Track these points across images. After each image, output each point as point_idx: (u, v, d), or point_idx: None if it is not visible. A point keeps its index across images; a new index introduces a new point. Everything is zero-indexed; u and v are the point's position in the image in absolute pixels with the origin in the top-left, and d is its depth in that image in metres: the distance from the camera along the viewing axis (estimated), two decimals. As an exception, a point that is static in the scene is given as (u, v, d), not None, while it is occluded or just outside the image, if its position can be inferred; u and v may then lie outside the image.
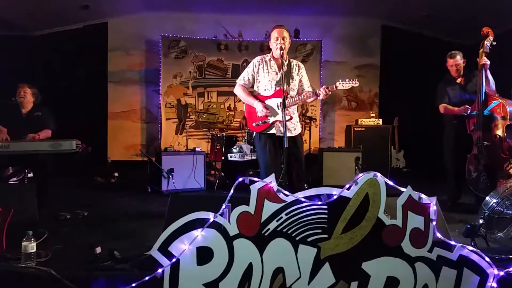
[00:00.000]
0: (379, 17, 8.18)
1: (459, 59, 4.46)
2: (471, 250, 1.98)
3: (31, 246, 2.46)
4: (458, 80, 4.47)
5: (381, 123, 7.02)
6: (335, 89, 3.30)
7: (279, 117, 3.34)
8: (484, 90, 3.99)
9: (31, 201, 3.47)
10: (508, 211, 2.71)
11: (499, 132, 3.90)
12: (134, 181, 6.33)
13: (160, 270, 1.99)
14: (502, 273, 1.97)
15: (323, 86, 3.28)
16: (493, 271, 1.95)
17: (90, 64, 7.80)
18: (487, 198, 2.79)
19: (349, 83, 3.29)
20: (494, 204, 2.70)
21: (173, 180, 5.50)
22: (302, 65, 3.62)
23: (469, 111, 4.11)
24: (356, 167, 5.83)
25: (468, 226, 2.73)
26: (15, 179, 4.32)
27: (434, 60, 7.92)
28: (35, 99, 4.51)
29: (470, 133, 4.17)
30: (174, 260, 2.00)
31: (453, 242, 2.02)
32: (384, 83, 8.44)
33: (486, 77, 4.02)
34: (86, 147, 4.26)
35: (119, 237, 3.28)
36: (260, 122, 3.44)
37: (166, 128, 7.92)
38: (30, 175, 4.24)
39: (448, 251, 2.00)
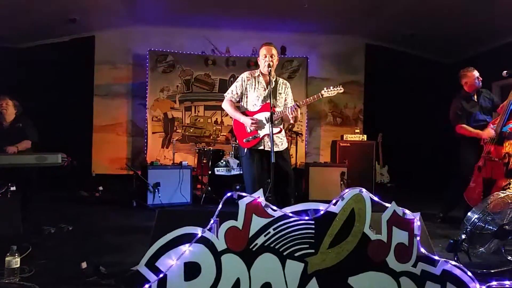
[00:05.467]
0: (363, 35, 8.38)
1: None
2: (454, 265, 2.03)
3: (15, 261, 2.42)
4: (474, 98, 4.45)
5: (365, 139, 7.13)
6: (321, 97, 3.38)
7: (267, 130, 3.39)
8: (511, 109, 4.02)
9: (15, 215, 3.41)
10: (489, 227, 2.77)
11: (511, 151, 3.93)
12: (119, 195, 6.26)
13: (147, 286, 1.97)
14: (484, 287, 2.02)
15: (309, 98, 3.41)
16: (476, 285, 2.00)
17: (77, 77, 7.75)
18: (469, 213, 2.85)
19: (334, 90, 3.38)
20: (475, 220, 2.76)
21: (159, 194, 5.47)
22: (288, 84, 3.72)
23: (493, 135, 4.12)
24: (342, 182, 5.90)
25: (451, 241, 2.78)
26: (-4, 192, 4.24)
27: (416, 77, 8.19)
28: (17, 111, 4.47)
29: (483, 145, 4.21)
30: (161, 275, 1.99)
31: (436, 257, 2.06)
32: (368, 100, 8.61)
33: None
34: (72, 160, 4.22)
35: (105, 252, 3.24)
36: (251, 137, 3.46)
37: (152, 142, 7.88)
38: (13, 188, 4.17)
39: (432, 266, 2.04)
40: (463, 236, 2.76)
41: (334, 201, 2.08)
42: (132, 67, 8.13)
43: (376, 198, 2.08)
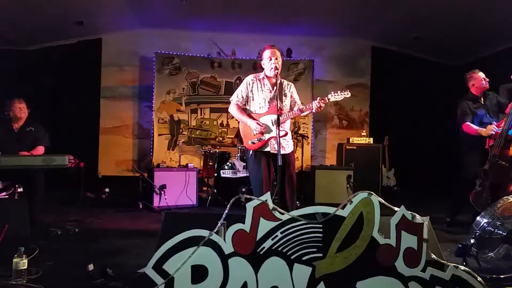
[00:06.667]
0: (369, 38, 8.36)
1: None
2: (464, 270, 2.00)
3: (22, 263, 2.43)
4: (481, 100, 4.44)
5: (372, 142, 7.10)
6: (327, 101, 3.36)
7: (274, 133, 3.37)
8: None
9: (22, 217, 3.42)
10: (498, 231, 2.74)
11: None
12: (125, 197, 6.27)
13: (154, 289, 1.97)
14: (493, 293, 2.00)
15: (317, 99, 3.32)
16: (485, 291, 1.98)
17: (83, 79, 7.80)
18: (478, 218, 2.83)
19: (341, 95, 3.37)
20: (485, 224, 2.74)
21: (165, 197, 5.47)
22: (292, 84, 3.72)
23: (493, 132, 4.09)
24: (348, 185, 5.88)
25: (460, 245, 2.76)
26: (4, 194, 4.27)
27: (422, 80, 8.16)
28: (28, 114, 4.50)
29: (488, 148, 4.17)
30: (168, 278, 1.98)
31: (446, 262, 2.04)
32: (374, 103, 8.58)
33: None
34: (78, 162, 4.24)
35: (111, 254, 3.25)
36: (256, 140, 3.45)
37: (158, 144, 7.90)
38: (20, 190, 4.19)
39: (441, 271, 2.02)
40: (472, 241, 2.73)
41: (342, 204, 2.06)
42: (138, 70, 8.16)
43: (385, 202, 2.06)
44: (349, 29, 7.93)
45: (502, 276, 2.66)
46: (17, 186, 4.18)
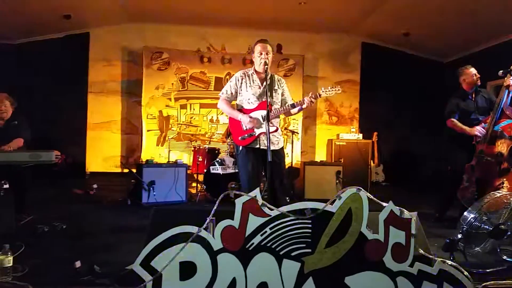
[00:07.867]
0: (359, 34, 8.38)
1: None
2: (451, 265, 2.02)
3: (8, 260, 2.39)
4: (472, 96, 4.46)
5: (361, 138, 7.14)
6: (319, 97, 3.35)
7: (264, 129, 3.35)
8: (502, 107, 4.01)
9: (8, 213, 3.37)
10: (485, 226, 2.78)
11: (503, 150, 3.94)
12: (114, 193, 6.21)
13: (142, 285, 1.95)
14: (480, 287, 2.02)
15: (310, 94, 3.30)
16: (472, 285, 2.00)
17: (71, 74, 7.69)
18: (465, 213, 2.86)
19: (332, 90, 3.36)
20: (472, 219, 2.77)
21: (154, 193, 5.43)
22: (283, 80, 3.69)
23: (478, 134, 4.13)
24: (337, 181, 5.90)
25: (447, 240, 2.79)
26: (-11, 190, 4.19)
27: (412, 77, 8.22)
28: (13, 109, 4.44)
29: (474, 144, 4.20)
30: (156, 275, 1.97)
31: (433, 257, 2.05)
32: (364, 99, 8.62)
33: (508, 96, 4.00)
34: (66, 158, 4.19)
35: (99, 251, 3.21)
36: (246, 135, 3.42)
37: (147, 140, 7.85)
38: (6, 186, 4.12)
39: (429, 266, 2.04)
40: (459, 236, 2.76)
41: (331, 200, 2.07)
42: (127, 64, 8.08)
43: (373, 198, 2.07)
44: (339, 25, 7.94)
45: (488, 270, 2.70)
46: (2, 182, 4.11)
